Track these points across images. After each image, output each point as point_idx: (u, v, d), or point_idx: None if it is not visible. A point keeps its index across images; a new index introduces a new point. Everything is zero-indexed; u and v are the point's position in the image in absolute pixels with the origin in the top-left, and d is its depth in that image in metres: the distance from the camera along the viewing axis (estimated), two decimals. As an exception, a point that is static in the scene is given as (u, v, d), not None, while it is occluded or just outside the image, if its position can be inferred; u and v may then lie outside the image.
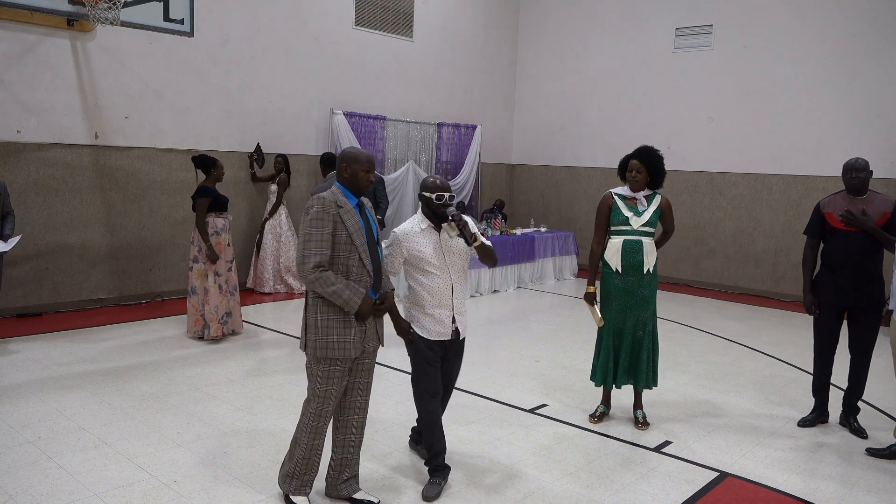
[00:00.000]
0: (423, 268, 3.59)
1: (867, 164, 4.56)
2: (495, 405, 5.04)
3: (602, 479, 3.90)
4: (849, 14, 9.02)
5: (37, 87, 6.93)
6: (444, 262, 3.62)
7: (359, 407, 3.48)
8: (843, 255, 4.55)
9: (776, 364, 6.41)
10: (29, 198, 6.92)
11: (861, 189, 4.55)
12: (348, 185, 3.33)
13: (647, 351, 4.62)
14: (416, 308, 3.68)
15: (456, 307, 3.67)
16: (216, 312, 6.30)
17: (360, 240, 3.23)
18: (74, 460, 3.85)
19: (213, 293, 6.28)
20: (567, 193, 12.00)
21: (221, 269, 6.34)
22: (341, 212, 3.20)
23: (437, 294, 3.61)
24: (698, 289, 10.29)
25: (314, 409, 3.33)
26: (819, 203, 4.76)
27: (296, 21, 9.07)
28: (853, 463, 4.28)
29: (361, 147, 9.62)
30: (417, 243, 3.59)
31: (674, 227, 4.70)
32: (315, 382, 3.31)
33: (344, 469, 3.51)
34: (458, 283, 3.68)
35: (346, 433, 3.48)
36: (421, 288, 3.62)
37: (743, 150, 9.97)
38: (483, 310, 8.45)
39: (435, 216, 3.60)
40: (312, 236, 3.15)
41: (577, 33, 11.72)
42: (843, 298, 4.61)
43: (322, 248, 3.15)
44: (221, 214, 6.37)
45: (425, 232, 3.61)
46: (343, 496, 3.51)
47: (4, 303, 6.77)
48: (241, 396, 4.99)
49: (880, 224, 4.46)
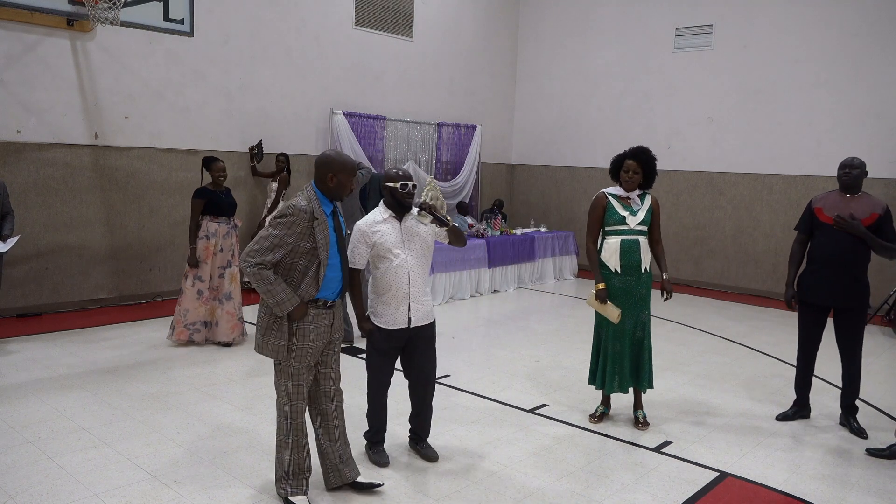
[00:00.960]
0: (383, 255, 3.73)
1: (862, 164, 4.60)
2: (495, 405, 5.04)
3: (602, 479, 3.90)
4: (849, 14, 9.02)
5: (37, 87, 6.93)
6: (405, 250, 3.75)
7: (332, 393, 3.55)
8: (828, 251, 4.60)
9: (776, 364, 6.41)
10: (29, 198, 6.92)
11: (852, 186, 4.59)
12: (329, 194, 3.35)
13: (647, 351, 4.62)
14: (374, 297, 3.83)
15: (413, 295, 3.75)
16: (183, 316, 6.05)
17: (324, 254, 3.27)
18: (74, 460, 3.85)
19: (188, 297, 6.05)
20: (567, 193, 12.00)
21: (205, 274, 6.07)
22: (315, 224, 3.23)
23: (394, 281, 3.73)
24: (698, 289, 10.29)
25: (288, 406, 3.39)
26: (812, 199, 4.82)
27: (296, 21, 9.07)
28: (853, 463, 4.27)
29: (361, 147, 9.71)
30: (381, 232, 3.72)
31: (660, 233, 4.62)
32: (283, 378, 3.37)
33: (337, 456, 3.55)
34: (415, 272, 3.77)
35: (327, 420, 3.54)
36: (379, 275, 3.76)
37: (743, 150, 9.97)
38: (483, 310, 8.45)
39: (398, 206, 3.77)
40: (270, 237, 3.20)
41: (577, 33, 11.72)
42: (826, 297, 4.65)
43: (273, 250, 3.20)
44: (217, 218, 6.12)
45: (387, 221, 3.76)
46: (347, 481, 3.56)
47: (4, 303, 6.77)
48: (241, 396, 4.99)
49: (868, 224, 4.50)
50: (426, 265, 3.86)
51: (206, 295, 6.11)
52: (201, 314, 6.12)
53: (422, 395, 3.97)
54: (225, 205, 6.16)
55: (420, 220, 3.79)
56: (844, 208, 4.58)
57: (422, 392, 3.97)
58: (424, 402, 3.99)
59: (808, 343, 4.86)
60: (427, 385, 3.97)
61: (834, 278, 4.58)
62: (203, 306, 6.11)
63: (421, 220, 3.79)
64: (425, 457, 4.01)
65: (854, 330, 4.68)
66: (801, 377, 4.93)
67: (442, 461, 4.03)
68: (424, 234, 3.83)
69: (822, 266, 4.64)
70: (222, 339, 6.18)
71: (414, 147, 10.72)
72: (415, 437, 4.13)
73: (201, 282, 6.09)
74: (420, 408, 4.01)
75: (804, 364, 4.91)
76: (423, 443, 4.08)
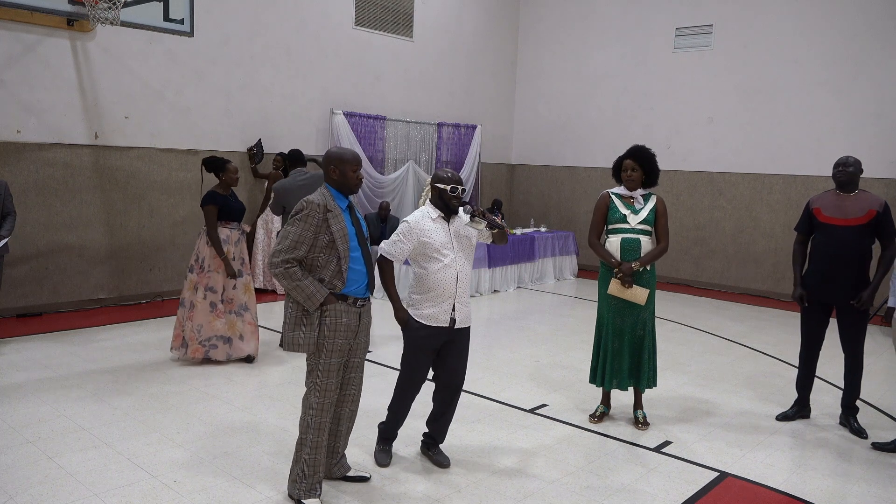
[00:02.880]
0: (432, 255, 3.69)
1: (857, 162, 4.63)
2: (495, 405, 5.04)
3: (602, 479, 3.89)
4: (849, 14, 9.02)
5: (37, 87, 6.93)
6: (454, 250, 3.73)
7: (352, 399, 3.61)
8: (830, 250, 4.61)
9: (776, 364, 6.41)
10: (29, 198, 6.92)
11: (848, 183, 4.61)
12: (338, 187, 3.42)
13: (647, 350, 4.61)
14: (417, 294, 3.77)
15: (458, 296, 3.74)
16: (198, 332, 5.52)
17: (343, 245, 3.30)
18: (74, 460, 3.85)
19: (201, 311, 5.51)
20: (567, 193, 12.00)
21: (217, 285, 5.55)
22: (329, 216, 3.29)
23: (442, 282, 3.69)
24: (698, 289, 10.29)
25: (315, 404, 3.39)
26: (809, 200, 4.84)
27: (296, 21, 9.07)
28: (853, 463, 4.27)
29: (361, 147, 9.71)
30: (429, 231, 3.70)
31: (667, 237, 4.51)
32: (315, 375, 3.39)
33: (334, 453, 3.65)
34: (462, 272, 3.76)
35: (339, 423, 3.61)
36: (426, 274, 3.71)
37: (743, 150, 9.97)
38: (483, 310, 8.45)
39: (446, 207, 3.73)
40: (290, 234, 3.26)
41: (577, 33, 11.72)
42: (830, 295, 4.67)
43: (297, 247, 3.26)
44: (228, 224, 5.60)
45: (436, 221, 3.74)
46: (336, 476, 3.68)
47: (4, 303, 6.76)
48: (241, 396, 4.99)
49: (865, 221, 4.52)
50: (471, 265, 3.87)
51: (219, 308, 5.56)
52: (218, 329, 5.56)
53: (448, 400, 3.94)
54: (236, 209, 5.66)
55: (474, 226, 3.76)
56: (842, 206, 4.61)
57: (449, 397, 3.93)
58: (449, 406, 3.95)
59: (812, 342, 4.86)
60: (456, 391, 3.94)
61: (838, 277, 4.59)
62: (218, 320, 5.55)
63: (475, 227, 3.77)
64: (437, 463, 3.96)
65: (858, 327, 4.69)
66: (803, 376, 4.94)
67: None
68: (471, 236, 3.84)
69: (825, 265, 4.64)
70: (249, 352, 5.70)
71: (414, 147, 10.72)
72: (429, 440, 4.06)
73: (213, 293, 5.53)
74: (443, 410, 3.96)
75: (806, 363, 4.91)
76: (436, 448, 4.04)
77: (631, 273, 4.42)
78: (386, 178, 10.14)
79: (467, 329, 3.88)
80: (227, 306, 5.62)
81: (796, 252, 4.88)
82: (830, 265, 4.61)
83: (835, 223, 4.59)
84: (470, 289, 3.89)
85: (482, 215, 3.72)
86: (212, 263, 5.53)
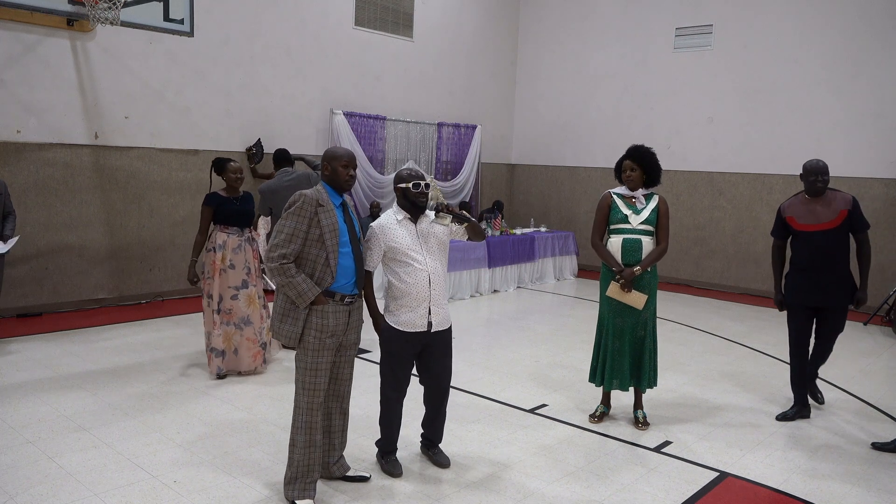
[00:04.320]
0: (401, 259, 3.62)
1: (827, 166, 4.71)
2: (495, 405, 5.04)
3: (602, 479, 3.90)
4: (849, 14, 9.02)
5: (37, 87, 6.93)
6: (423, 252, 3.65)
7: (342, 396, 3.64)
8: (809, 256, 4.70)
9: (776, 364, 6.41)
10: (29, 198, 6.92)
11: (823, 192, 4.68)
12: (330, 183, 3.47)
13: (648, 351, 4.61)
14: (391, 299, 3.71)
15: (433, 298, 3.66)
16: (207, 340, 5.32)
17: (331, 240, 3.33)
18: (74, 460, 3.85)
19: (207, 318, 5.31)
20: (567, 193, 12.00)
21: (214, 293, 5.24)
22: (320, 210, 3.33)
23: (415, 285, 3.62)
24: (698, 289, 10.29)
25: (304, 403, 3.42)
26: (780, 207, 4.90)
27: (296, 21, 9.07)
28: (853, 463, 4.27)
29: (361, 147, 9.72)
30: (395, 234, 3.62)
31: (667, 237, 4.49)
32: (303, 374, 3.40)
33: (332, 452, 3.66)
34: (435, 274, 3.66)
35: (331, 419, 3.63)
36: (398, 279, 3.64)
37: (743, 150, 9.97)
38: (483, 310, 8.45)
39: (413, 206, 3.65)
40: (285, 228, 3.31)
41: (577, 33, 11.72)
42: (812, 298, 4.76)
43: (291, 240, 3.30)
44: (226, 228, 5.27)
45: (402, 223, 3.66)
46: (336, 475, 3.68)
47: (4, 303, 6.76)
48: (241, 396, 4.99)
49: (838, 223, 4.60)
50: (445, 265, 3.78)
51: (220, 320, 5.28)
52: (214, 339, 5.29)
53: (438, 404, 3.90)
54: (236, 213, 5.29)
55: (439, 222, 3.65)
56: (814, 211, 4.68)
57: (438, 401, 3.89)
58: (439, 410, 3.92)
59: (801, 339, 4.93)
60: (444, 393, 3.90)
61: (820, 281, 4.70)
62: (215, 330, 5.27)
63: (440, 222, 3.66)
64: (437, 462, 3.96)
65: (839, 324, 4.85)
66: (798, 374, 4.97)
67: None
68: (440, 234, 3.71)
69: (806, 270, 4.74)
70: (244, 368, 5.41)
71: (414, 147, 10.72)
72: (427, 442, 4.06)
73: (213, 300, 5.28)
74: (434, 414, 3.93)
75: (798, 360, 4.95)
76: (436, 448, 4.03)
77: (632, 279, 4.42)
78: (386, 178, 10.13)
79: (447, 331, 3.81)
80: (224, 317, 5.28)
81: (775, 257, 4.99)
82: (813, 272, 4.71)
83: (810, 229, 4.68)
84: (448, 290, 3.81)
85: (446, 209, 3.64)
86: (208, 269, 5.28)
